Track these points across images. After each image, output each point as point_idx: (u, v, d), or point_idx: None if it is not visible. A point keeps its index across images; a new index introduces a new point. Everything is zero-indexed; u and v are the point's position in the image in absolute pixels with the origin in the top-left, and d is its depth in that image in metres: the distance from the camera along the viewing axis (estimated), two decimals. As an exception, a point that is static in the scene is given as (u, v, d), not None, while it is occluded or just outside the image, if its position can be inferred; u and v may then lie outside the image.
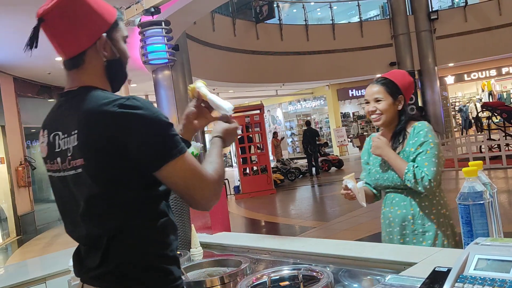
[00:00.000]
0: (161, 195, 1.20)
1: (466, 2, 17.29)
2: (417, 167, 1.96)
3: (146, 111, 1.11)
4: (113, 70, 1.26)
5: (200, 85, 1.56)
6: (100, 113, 1.11)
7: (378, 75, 2.20)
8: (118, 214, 1.15)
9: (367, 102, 2.14)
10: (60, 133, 1.19)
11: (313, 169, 14.39)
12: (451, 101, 22.03)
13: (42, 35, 1.23)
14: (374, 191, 2.25)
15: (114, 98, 1.13)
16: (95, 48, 1.21)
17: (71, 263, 1.84)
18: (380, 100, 2.08)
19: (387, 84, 2.10)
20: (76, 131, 1.14)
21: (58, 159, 1.20)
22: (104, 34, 1.22)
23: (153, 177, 1.15)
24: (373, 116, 2.11)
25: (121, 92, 3.09)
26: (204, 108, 1.56)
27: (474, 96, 21.78)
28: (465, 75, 20.62)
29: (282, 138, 15.83)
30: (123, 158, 1.11)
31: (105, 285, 1.17)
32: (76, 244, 1.29)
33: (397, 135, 2.10)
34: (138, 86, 14.19)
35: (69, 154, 1.16)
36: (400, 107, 2.10)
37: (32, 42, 1.21)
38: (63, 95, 1.26)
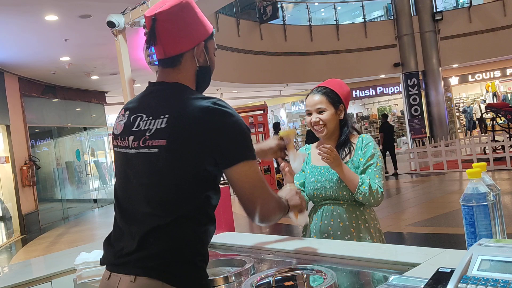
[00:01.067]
0: (215, 206, 1.31)
1: (471, 3, 17.24)
2: (370, 179, 1.97)
3: (234, 113, 1.25)
4: (201, 76, 1.37)
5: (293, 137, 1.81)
6: (195, 105, 1.23)
7: (382, 76, 2.18)
8: (183, 203, 1.22)
9: (309, 113, 2.09)
10: (144, 115, 1.29)
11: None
12: (455, 102, 21.96)
13: (47, 35, 1.28)
14: (307, 198, 2.15)
15: (207, 96, 1.28)
16: (192, 53, 1.33)
17: (76, 261, 1.86)
18: (323, 111, 2.05)
19: (328, 93, 2.07)
20: (167, 116, 1.24)
21: (131, 138, 1.29)
22: (203, 42, 1.34)
23: (216, 183, 1.27)
24: (316, 127, 2.07)
25: (126, 92, 3.11)
26: (281, 151, 1.83)
27: (478, 97, 21.72)
28: (469, 76, 20.56)
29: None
30: (203, 149, 1.21)
31: (139, 271, 1.19)
32: (79, 243, 1.32)
33: (342, 146, 2.06)
34: (142, 86, 14.14)
35: (147, 134, 1.25)
36: (341, 116, 2.08)
37: (153, 39, 1.31)
38: (157, 85, 1.36)
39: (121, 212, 1.32)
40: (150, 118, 1.27)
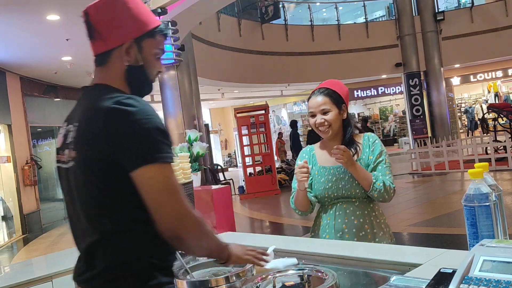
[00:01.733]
0: None
1: (473, 3, 17.21)
2: (382, 176, 2.02)
3: (140, 111, 1.12)
4: (132, 76, 1.27)
5: None
6: (96, 108, 1.15)
7: (384, 76, 2.20)
8: (110, 216, 1.15)
9: (313, 115, 2.09)
10: (71, 125, 1.25)
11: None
12: (457, 102, 21.93)
13: (49, 35, 1.28)
14: (313, 199, 2.15)
15: (115, 95, 1.16)
16: (121, 51, 1.24)
17: (77, 261, 1.86)
18: (328, 111, 2.06)
19: (331, 94, 2.08)
20: (77, 124, 1.19)
21: (66, 151, 1.25)
22: (132, 40, 1.25)
23: None
24: (321, 128, 2.08)
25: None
26: None
27: (480, 98, 21.68)
28: (471, 76, 20.53)
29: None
30: (107, 155, 1.12)
31: None
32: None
33: (348, 145, 2.07)
34: (143, 86, 14.22)
35: (70, 147, 1.21)
36: (344, 116, 2.10)
37: (90, 33, 1.26)
38: (82, 89, 1.31)
39: (71, 231, 1.30)
40: (72, 128, 1.23)
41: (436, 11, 17.37)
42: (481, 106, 19.90)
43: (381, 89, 21.18)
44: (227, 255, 1.32)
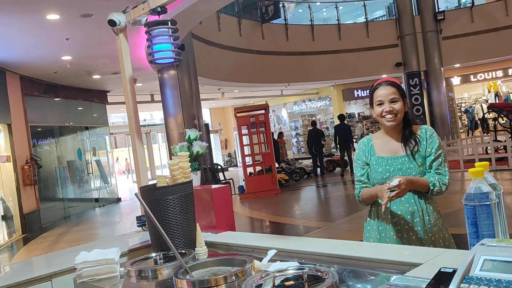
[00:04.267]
0: None
1: (473, 3, 17.20)
2: (439, 174, 2.17)
3: None
4: None
5: None
6: None
7: (384, 75, 2.25)
8: None
9: (381, 104, 2.19)
10: None
11: (318, 169, 14.38)
12: (457, 102, 21.92)
13: (49, 34, 1.24)
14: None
15: None
16: None
17: (76, 261, 1.86)
18: (396, 101, 2.18)
19: (397, 87, 2.22)
20: None
21: None
22: None
23: None
24: (389, 116, 2.18)
25: (127, 91, 3.06)
26: None
27: (480, 97, 21.67)
28: (472, 76, 20.51)
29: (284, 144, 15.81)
30: None
31: None
32: (80, 242, 1.29)
33: (409, 138, 2.21)
34: (143, 86, 14.23)
35: None
36: (406, 108, 2.23)
37: None
38: None
39: None
40: None
41: (437, 10, 17.35)
42: (481, 106, 19.89)
43: (381, 89, 21.15)
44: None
